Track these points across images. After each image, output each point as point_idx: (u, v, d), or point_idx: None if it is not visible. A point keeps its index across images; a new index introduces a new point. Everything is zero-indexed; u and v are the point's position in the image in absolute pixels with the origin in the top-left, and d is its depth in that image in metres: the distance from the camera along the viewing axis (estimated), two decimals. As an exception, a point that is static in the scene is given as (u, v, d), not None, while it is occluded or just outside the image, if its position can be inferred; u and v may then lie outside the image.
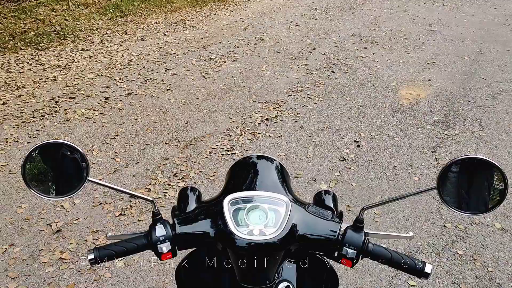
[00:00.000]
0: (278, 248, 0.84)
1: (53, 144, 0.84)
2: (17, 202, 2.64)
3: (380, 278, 2.11)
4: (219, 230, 0.85)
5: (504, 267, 2.16)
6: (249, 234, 0.82)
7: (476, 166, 0.80)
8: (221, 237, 0.85)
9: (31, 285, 2.06)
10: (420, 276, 0.85)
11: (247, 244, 0.82)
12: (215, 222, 0.88)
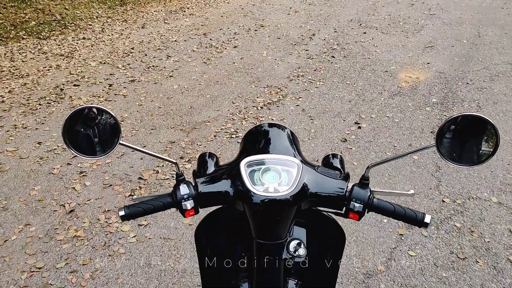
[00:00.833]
0: (291, 204, 0.92)
1: (89, 109, 0.91)
2: (29, 185, 2.73)
3: (382, 249, 2.21)
4: (237, 189, 0.93)
5: (501, 238, 2.26)
6: (265, 192, 0.90)
7: (470, 123, 0.88)
8: (239, 195, 0.93)
9: (48, 261, 2.15)
10: (420, 226, 0.93)
11: (263, 201, 0.90)
12: (233, 182, 0.96)
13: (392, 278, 2.04)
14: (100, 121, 0.92)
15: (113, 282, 2.03)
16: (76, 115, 0.89)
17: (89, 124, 0.91)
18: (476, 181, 2.72)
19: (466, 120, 0.88)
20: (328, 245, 1.18)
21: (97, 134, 0.92)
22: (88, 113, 0.90)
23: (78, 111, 0.89)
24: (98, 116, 0.91)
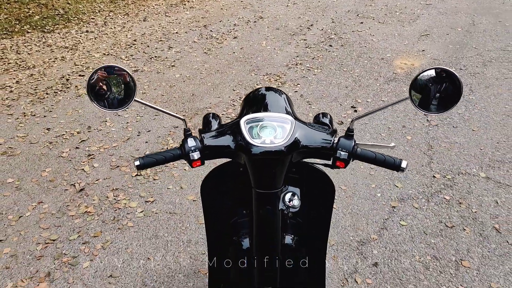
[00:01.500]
0: (284, 154, 1.04)
1: (111, 67, 1.04)
2: (40, 167, 2.87)
3: (375, 220, 2.34)
4: (238, 143, 1.06)
5: (487, 209, 2.40)
6: (262, 144, 1.03)
7: (437, 76, 1.01)
8: (240, 148, 1.06)
9: (62, 234, 2.29)
10: (398, 170, 1.07)
11: (260, 152, 1.03)
12: (235, 137, 1.09)
13: (384, 245, 2.18)
14: (119, 80, 1.05)
15: (123, 252, 2.18)
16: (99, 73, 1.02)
17: (110, 81, 1.04)
18: (466, 158, 2.85)
19: (433, 73, 1.00)
20: (320, 197, 1.31)
21: (116, 91, 1.05)
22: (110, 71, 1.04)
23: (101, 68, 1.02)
24: (118, 75, 1.04)
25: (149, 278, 2.02)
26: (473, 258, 2.08)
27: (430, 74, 1.00)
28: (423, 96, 1.02)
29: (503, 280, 1.96)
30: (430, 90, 1.02)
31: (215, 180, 1.28)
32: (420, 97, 1.02)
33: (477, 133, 3.12)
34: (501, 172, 2.70)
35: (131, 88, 1.06)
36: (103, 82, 1.04)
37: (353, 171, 2.74)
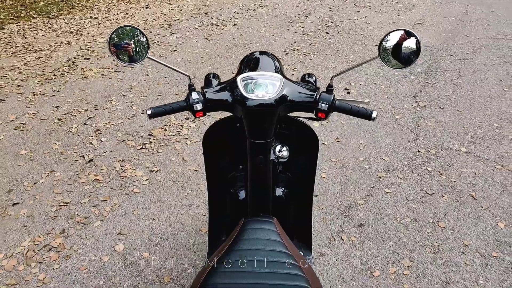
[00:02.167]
0: (274, 106, 1.23)
1: (129, 27, 1.22)
2: (51, 141, 3.06)
3: (362, 188, 2.54)
4: (235, 96, 1.25)
5: (465, 179, 2.60)
6: (256, 97, 1.23)
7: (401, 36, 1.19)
8: (237, 100, 1.25)
9: (74, 198, 2.49)
10: (369, 119, 1.25)
11: (254, 104, 1.22)
12: (232, 92, 1.27)
13: (369, 208, 2.38)
14: (135, 38, 1.23)
15: (130, 213, 2.38)
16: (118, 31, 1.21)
17: (128, 39, 1.23)
18: (449, 135, 3.04)
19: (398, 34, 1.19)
20: (306, 149, 1.50)
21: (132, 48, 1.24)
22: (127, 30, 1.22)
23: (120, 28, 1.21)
24: (134, 34, 1.23)
25: (155, 236, 2.23)
26: (449, 220, 2.29)
27: (396, 35, 1.19)
28: (390, 54, 1.21)
29: (475, 239, 2.17)
30: (395, 48, 1.20)
31: (215, 133, 1.48)
32: (388, 55, 1.21)
33: (461, 113, 3.31)
34: (481, 147, 2.90)
35: (145, 46, 1.24)
36: (121, 39, 1.22)
37: (344, 146, 2.94)
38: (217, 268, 1.02)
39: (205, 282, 0.99)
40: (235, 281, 0.99)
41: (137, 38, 1.24)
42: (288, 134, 1.49)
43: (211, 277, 1.00)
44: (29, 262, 2.07)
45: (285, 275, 1.01)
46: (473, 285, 1.92)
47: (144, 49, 1.25)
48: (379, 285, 1.93)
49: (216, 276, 1.00)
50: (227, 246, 1.12)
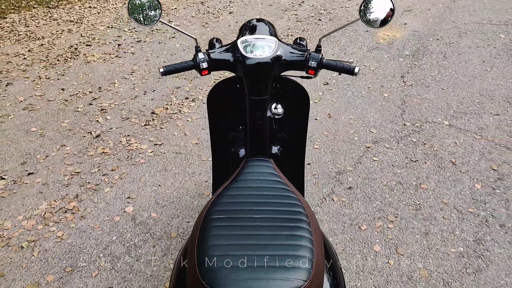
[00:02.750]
0: (270, 64, 1.42)
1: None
2: (59, 119, 3.23)
3: (351, 157, 2.75)
4: (236, 57, 1.45)
5: (447, 148, 2.81)
6: (254, 56, 1.42)
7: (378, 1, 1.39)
8: (238, 60, 1.44)
9: (84, 168, 2.68)
10: (352, 74, 1.45)
11: (253, 63, 1.41)
12: (233, 53, 1.46)
13: (357, 174, 2.59)
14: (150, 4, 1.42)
15: (137, 181, 2.57)
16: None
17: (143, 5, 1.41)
18: (433, 110, 3.25)
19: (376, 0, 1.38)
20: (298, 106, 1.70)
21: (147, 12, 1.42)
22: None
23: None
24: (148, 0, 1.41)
25: (161, 199, 2.42)
26: (430, 183, 2.50)
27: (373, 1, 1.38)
28: (369, 16, 1.40)
29: (453, 198, 2.39)
30: (372, 11, 1.40)
31: (217, 93, 1.67)
32: (367, 17, 1.40)
33: (446, 91, 3.53)
34: (462, 121, 3.11)
35: (158, 12, 1.43)
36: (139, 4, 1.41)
37: (335, 121, 3.14)
38: (220, 199, 1.20)
39: (209, 211, 1.14)
40: (236, 208, 1.14)
41: (151, 3, 1.42)
42: (282, 93, 1.68)
43: (214, 206, 1.16)
44: (47, 222, 2.26)
45: (283, 204, 1.16)
46: (450, 236, 2.14)
47: (157, 13, 1.43)
48: (365, 236, 2.15)
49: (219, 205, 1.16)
50: (228, 182, 1.31)
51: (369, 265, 1.99)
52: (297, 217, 1.08)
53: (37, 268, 2.00)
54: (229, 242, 0.99)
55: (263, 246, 0.98)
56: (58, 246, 2.12)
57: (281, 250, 0.96)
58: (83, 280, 1.94)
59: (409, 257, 2.03)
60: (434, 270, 1.96)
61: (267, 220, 1.07)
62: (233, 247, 0.97)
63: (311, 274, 0.92)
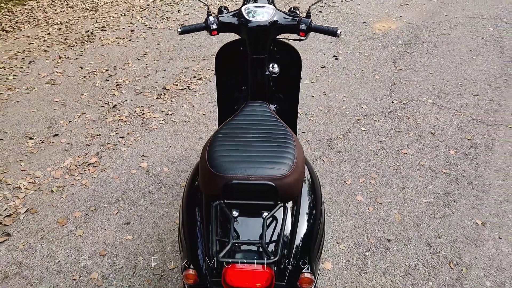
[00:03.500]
0: (268, 27, 1.74)
1: None
2: (79, 92, 3.57)
3: (342, 127, 3.06)
4: (240, 20, 1.76)
5: (428, 121, 3.12)
6: (255, 20, 1.74)
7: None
8: (242, 24, 1.76)
9: (103, 132, 3.01)
10: (335, 36, 1.76)
11: (254, 25, 1.73)
12: (238, 18, 1.78)
13: (346, 141, 2.90)
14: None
15: (151, 143, 2.90)
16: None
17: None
18: (419, 91, 3.56)
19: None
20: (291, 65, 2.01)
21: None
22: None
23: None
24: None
25: (172, 157, 2.74)
26: (410, 149, 2.81)
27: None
28: None
29: (430, 161, 2.70)
30: None
31: (224, 52, 1.99)
32: None
33: (432, 75, 3.83)
34: (444, 100, 3.42)
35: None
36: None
37: (330, 98, 3.46)
38: (225, 126, 1.51)
39: (216, 134, 1.45)
40: (237, 132, 1.45)
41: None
42: (279, 55, 2.00)
43: (220, 130, 1.47)
44: (72, 173, 2.59)
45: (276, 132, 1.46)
46: (423, 190, 2.45)
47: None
48: (350, 189, 2.46)
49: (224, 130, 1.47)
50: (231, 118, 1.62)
51: (352, 211, 2.31)
52: (286, 139, 1.39)
53: (65, 207, 2.33)
54: (231, 148, 1.31)
55: (257, 151, 1.30)
56: (82, 191, 2.45)
57: (271, 153, 1.28)
58: (105, 217, 2.27)
59: (386, 205, 2.34)
60: (406, 215, 2.28)
61: (261, 140, 1.38)
62: (235, 151, 1.29)
63: (291, 168, 1.23)
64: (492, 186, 2.49)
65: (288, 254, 1.23)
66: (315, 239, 1.30)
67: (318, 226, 1.35)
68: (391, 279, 1.92)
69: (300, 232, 1.28)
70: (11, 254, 2.04)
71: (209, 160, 1.26)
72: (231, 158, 1.26)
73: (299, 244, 1.25)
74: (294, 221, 1.30)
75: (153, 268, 1.97)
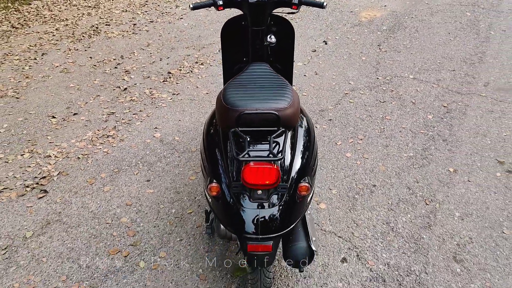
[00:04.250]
0: (266, 1, 2.09)
1: None
2: (91, 78, 3.89)
3: (332, 100, 3.41)
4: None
5: (409, 93, 3.48)
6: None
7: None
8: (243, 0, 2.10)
9: (117, 110, 3.33)
10: (321, 7, 2.10)
11: (254, 1, 2.07)
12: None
13: (336, 111, 3.26)
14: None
15: (161, 118, 3.23)
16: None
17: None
18: (402, 69, 3.93)
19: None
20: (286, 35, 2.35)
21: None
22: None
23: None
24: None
25: (181, 129, 3.08)
26: (393, 115, 3.17)
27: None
28: None
29: (410, 124, 3.06)
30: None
31: (229, 26, 2.33)
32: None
33: (414, 55, 4.21)
34: (424, 75, 3.79)
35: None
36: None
37: (320, 77, 3.81)
38: (232, 81, 1.84)
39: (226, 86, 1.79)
40: (244, 82, 1.80)
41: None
42: (275, 29, 2.34)
43: (229, 84, 1.80)
44: (94, 143, 2.92)
45: (276, 81, 1.81)
46: (404, 147, 2.81)
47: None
48: (340, 149, 2.81)
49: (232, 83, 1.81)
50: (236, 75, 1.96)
51: (342, 165, 2.66)
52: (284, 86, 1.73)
53: (92, 170, 2.66)
54: (242, 91, 1.65)
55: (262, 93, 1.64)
56: (105, 157, 2.78)
57: (274, 94, 1.62)
58: (128, 176, 2.60)
59: (372, 159, 2.70)
60: (389, 166, 2.63)
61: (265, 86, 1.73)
62: (244, 93, 1.63)
63: (290, 103, 1.57)
64: (464, 142, 2.85)
65: (289, 170, 1.57)
66: (310, 159, 1.65)
67: (312, 150, 1.69)
68: (376, 213, 2.27)
69: (298, 154, 1.63)
70: (50, 206, 2.36)
71: (224, 100, 1.60)
72: (242, 97, 1.60)
73: (298, 162, 1.60)
74: (293, 146, 1.65)
75: (173, 213, 2.30)
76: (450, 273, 1.93)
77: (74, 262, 2.02)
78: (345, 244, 2.10)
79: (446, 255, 2.03)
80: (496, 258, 2.01)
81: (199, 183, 2.53)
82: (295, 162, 1.60)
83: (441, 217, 2.25)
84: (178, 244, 2.11)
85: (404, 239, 2.12)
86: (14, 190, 2.48)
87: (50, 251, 2.08)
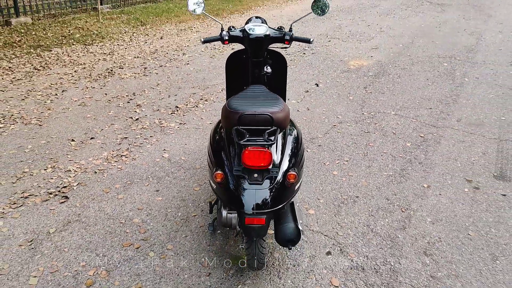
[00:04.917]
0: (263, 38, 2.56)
1: None
2: (106, 111, 4.33)
3: (322, 130, 3.83)
4: (244, 34, 2.59)
5: (391, 126, 3.91)
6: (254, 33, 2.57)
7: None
8: (245, 36, 2.58)
9: (130, 135, 3.73)
10: (309, 43, 2.58)
11: (254, 37, 2.56)
12: (243, 33, 2.61)
13: (325, 139, 3.66)
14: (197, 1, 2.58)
15: (169, 142, 3.62)
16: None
17: (194, 3, 2.57)
18: (385, 106, 4.40)
19: (319, 1, 2.56)
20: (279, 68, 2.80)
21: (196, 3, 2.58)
22: None
23: None
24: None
25: (187, 151, 3.46)
26: (376, 143, 3.57)
27: (319, 3, 2.56)
28: (316, 10, 2.57)
29: (391, 150, 3.45)
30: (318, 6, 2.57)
31: (232, 59, 2.79)
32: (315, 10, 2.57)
33: (396, 96, 4.70)
34: (404, 112, 4.25)
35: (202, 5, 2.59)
36: (193, 3, 2.57)
37: (312, 112, 4.26)
38: (235, 96, 2.26)
39: (229, 101, 2.21)
40: (245, 96, 2.21)
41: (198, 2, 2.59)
42: (271, 62, 2.81)
43: (233, 97, 2.22)
44: (109, 161, 3.28)
45: (271, 96, 2.23)
46: (385, 167, 3.18)
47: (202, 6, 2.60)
48: (328, 168, 3.17)
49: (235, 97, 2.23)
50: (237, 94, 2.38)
51: (329, 180, 3.01)
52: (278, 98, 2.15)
53: (107, 182, 2.99)
54: (243, 100, 2.05)
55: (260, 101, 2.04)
56: (119, 172, 3.13)
57: (269, 103, 2.03)
58: (139, 187, 2.93)
59: (356, 177, 3.05)
60: (371, 182, 2.98)
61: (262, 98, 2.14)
62: (245, 101, 2.04)
63: (281, 109, 1.98)
64: (437, 165, 3.23)
65: (280, 161, 1.93)
66: (297, 154, 2.01)
67: (299, 148, 2.07)
68: (358, 218, 2.59)
69: (288, 149, 2.00)
70: (71, 209, 2.67)
71: (228, 106, 2.00)
72: (242, 104, 2.00)
73: (287, 155, 1.97)
74: (283, 143, 2.02)
75: (179, 216, 2.61)
76: (420, 263, 2.22)
77: (92, 252, 2.30)
78: (330, 241, 2.39)
79: (418, 250, 2.32)
80: (461, 253, 2.30)
81: (203, 193, 2.86)
82: (285, 155, 1.97)
83: (415, 222, 2.56)
84: (183, 240, 2.40)
85: (382, 238, 2.42)
86: (39, 197, 2.80)
87: (71, 243, 2.36)
